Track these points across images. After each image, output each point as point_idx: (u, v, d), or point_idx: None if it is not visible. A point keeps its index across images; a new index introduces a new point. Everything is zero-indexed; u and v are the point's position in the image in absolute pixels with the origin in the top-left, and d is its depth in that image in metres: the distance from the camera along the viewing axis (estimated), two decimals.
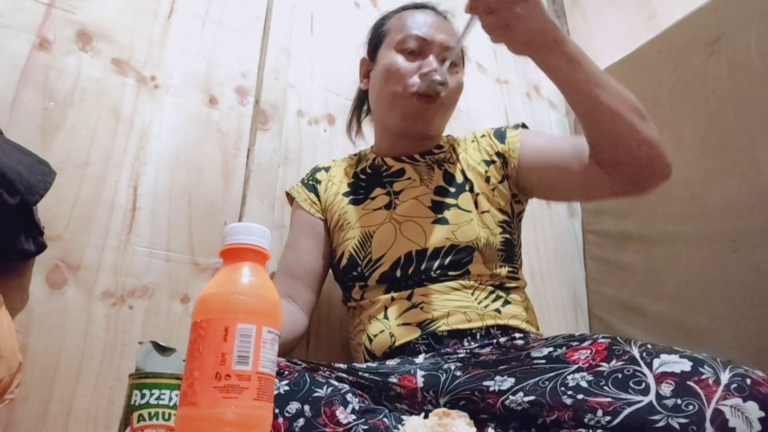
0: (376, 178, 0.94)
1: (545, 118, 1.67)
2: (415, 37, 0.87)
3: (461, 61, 0.93)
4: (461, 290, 0.81)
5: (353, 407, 0.62)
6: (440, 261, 0.82)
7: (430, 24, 0.89)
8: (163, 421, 0.50)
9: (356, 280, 0.87)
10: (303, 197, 0.97)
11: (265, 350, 0.46)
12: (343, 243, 0.89)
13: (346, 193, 0.94)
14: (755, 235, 1.04)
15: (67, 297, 0.82)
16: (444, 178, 0.90)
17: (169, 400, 0.50)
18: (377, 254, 0.85)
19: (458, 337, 0.77)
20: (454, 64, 0.89)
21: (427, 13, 0.92)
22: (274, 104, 1.13)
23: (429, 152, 0.94)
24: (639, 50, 1.40)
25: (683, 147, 1.22)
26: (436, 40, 0.87)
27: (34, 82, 0.88)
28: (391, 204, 0.89)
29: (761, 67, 1.08)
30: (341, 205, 0.93)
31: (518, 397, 0.60)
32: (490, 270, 0.83)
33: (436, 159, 0.93)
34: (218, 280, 0.49)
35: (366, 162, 0.97)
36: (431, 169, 0.91)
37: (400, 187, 0.91)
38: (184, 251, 0.94)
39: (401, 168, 0.93)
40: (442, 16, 0.94)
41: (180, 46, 1.06)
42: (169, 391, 0.50)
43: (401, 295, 0.82)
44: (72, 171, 0.87)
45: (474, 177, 0.90)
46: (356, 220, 0.89)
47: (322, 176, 0.99)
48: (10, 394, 0.66)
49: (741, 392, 0.48)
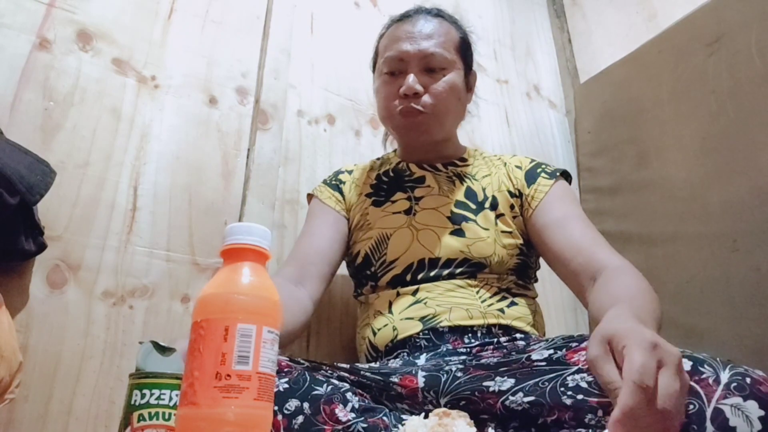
0: (399, 182, 0.95)
1: (545, 118, 1.67)
2: (391, 59, 0.90)
3: (452, 63, 0.91)
4: (466, 288, 0.82)
5: (353, 406, 0.62)
6: (451, 270, 0.83)
7: (409, 36, 0.90)
8: (163, 421, 0.49)
9: (368, 279, 0.88)
10: (327, 195, 0.97)
11: (265, 350, 0.46)
12: (360, 242, 0.91)
13: (369, 194, 0.96)
14: (755, 235, 1.04)
15: (67, 297, 0.82)
16: (465, 192, 0.91)
17: (170, 399, 0.50)
18: (392, 257, 0.86)
19: (459, 334, 0.78)
20: (436, 70, 0.89)
21: (410, 22, 0.92)
22: (274, 104, 1.13)
23: (452, 163, 0.96)
24: (639, 50, 1.40)
25: (683, 147, 1.22)
26: (412, 53, 0.88)
27: (34, 82, 0.88)
28: (411, 210, 0.90)
29: (761, 67, 1.08)
30: (364, 206, 0.94)
31: (518, 397, 0.60)
32: (498, 279, 0.84)
33: (458, 172, 0.95)
34: (218, 280, 0.49)
35: (389, 165, 0.99)
36: (452, 181, 0.93)
37: (421, 194, 0.92)
38: (185, 251, 0.95)
39: (423, 175, 0.95)
40: (430, 15, 0.94)
41: (180, 46, 1.06)
42: (170, 391, 0.50)
43: (406, 290, 0.84)
44: (72, 171, 0.87)
45: (500, 198, 0.90)
46: (375, 221, 0.91)
47: (345, 178, 1.00)
48: (11, 394, 0.66)
49: (741, 391, 0.48)
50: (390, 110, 0.90)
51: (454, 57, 0.92)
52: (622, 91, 1.44)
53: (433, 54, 0.88)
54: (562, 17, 1.84)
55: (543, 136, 1.62)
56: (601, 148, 1.49)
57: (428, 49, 0.88)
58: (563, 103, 1.73)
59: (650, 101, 1.33)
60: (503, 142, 1.50)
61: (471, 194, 0.91)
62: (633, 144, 1.37)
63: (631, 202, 1.34)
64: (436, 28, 0.91)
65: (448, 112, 0.91)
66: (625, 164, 1.38)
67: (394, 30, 0.94)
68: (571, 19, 1.81)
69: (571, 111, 1.68)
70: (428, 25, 0.91)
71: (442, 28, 0.92)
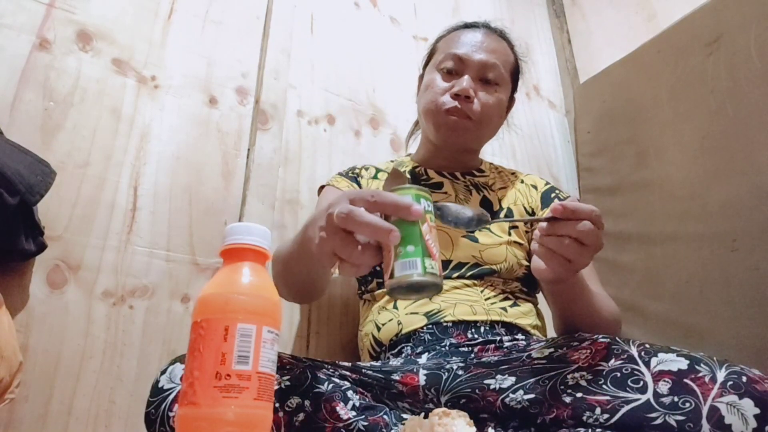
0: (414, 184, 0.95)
1: (545, 118, 1.67)
2: (452, 56, 0.91)
3: (505, 81, 0.94)
4: (472, 287, 0.83)
5: (354, 404, 0.62)
6: (461, 273, 0.84)
7: (474, 43, 0.92)
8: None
9: (375, 276, 0.89)
10: (345, 185, 0.97)
11: (265, 350, 0.46)
12: None
13: None
14: (754, 235, 1.04)
15: (67, 297, 0.82)
16: (482, 201, 0.93)
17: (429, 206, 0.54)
18: None
19: (462, 328, 0.78)
20: (491, 83, 0.91)
21: (477, 32, 0.95)
22: (274, 104, 1.13)
23: (470, 173, 0.98)
24: (638, 50, 1.40)
25: (683, 147, 1.22)
26: (474, 59, 0.90)
27: (34, 82, 0.88)
28: None
29: (760, 67, 1.08)
30: None
31: (518, 395, 0.60)
32: (504, 283, 0.85)
33: (475, 182, 0.97)
34: (218, 280, 0.49)
35: (405, 167, 1.00)
36: (469, 191, 0.95)
37: (436, 199, 0.92)
38: (185, 251, 0.95)
39: (441, 181, 0.96)
40: (495, 33, 0.96)
41: (180, 46, 1.06)
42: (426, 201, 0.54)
43: None
44: (72, 171, 0.88)
45: (515, 211, 0.93)
46: (387, 219, 0.91)
47: (362, 172, 1.01)
48: (11, 394, 0.66)
49: (737, 389, 0.48)
50: (438, 105, 0.90)
51: (507, 77, 0.95)
52: (621, 91, 1.44)
53: (493, 67, 0.90)
54: (562, 17, 1.84)
55: (542, 136, 1.63)
56: (600, 148, 1.49)
57: (489, 60, 0.90)
58: (563, 103, 1.73)
59: (650, 101, 1.34)
60: (503, 142, 1.50)
61: (487, 204, 0.93)
62: (632, 144, 1.37)
63: (631, 202, 1.34)
64: (499, 45, 0.94)
65: (489, 124, 0.93)
66: (624, 164, 1.38)
67: (459, 33, 0.96)
68: (571, 19, 1.81)
69: (570, 111, 1.68)
70: (493, 41, 0.94)
71: (503, 47, 0.95)
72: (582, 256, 0.57)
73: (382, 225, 0.49)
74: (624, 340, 0.60)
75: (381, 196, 0.51)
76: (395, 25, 1.45)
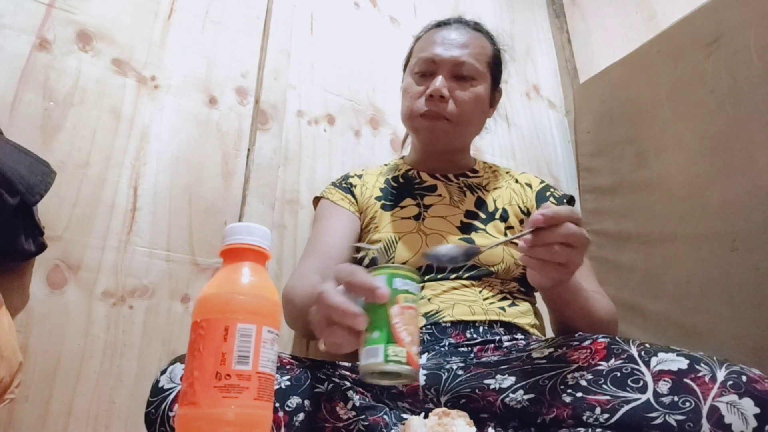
0: (408, 188, 0.96)
1: (545, 118, 1.67)
2: (424, 60, 0.91)
3: (482, 75, 0.92)
4: (470, 287, 0.83)
5: (354, 404, 0.62)
6: (458, 274, 0.84)
7: (445, 41, 0.91)
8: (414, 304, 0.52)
9: None
10: (339, 197, 0.97)
11: (265, 350, 0.46)
12: (368, 243, 0.91)
13: (378, 198, 0.96)
14: (754, 235, 1.04)
15: (67, 297, 0.82)
16: (476, 203, 0.93)
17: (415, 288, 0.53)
18: (399, 260, 0.87)
19: (461, 328, 0.78)
20: (466, 79, 0.90)
21: (449, 29, 0.94)
22: (274, 104, 1.13)
23: (463, 174, 0.98)
24: (638, 50, 1.40)
25: (682, 147, 1.22)
26: (445, 58, 0.89)
27: (34, 82, 0.88)
28: (420, 216, 0.91)
29: (760, 67, 1.08)
30: (374, 208, 0.94)
31: (518, 395, 0.60)
32: (501, 283, 0.85)
33: (469, 183, 0.96)
34: (218, 280, 0.49)
35: (399, 171, 1.00)
36: (463, 192, 0.94)
37: (430, 202, 0.93)
38: (185, 251, 0.95)
39: (434, 184, 0.96)
40: (468, 27, 0.95)
41: (180, 46, 1.06)
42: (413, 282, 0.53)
43: None
44: (72, 171, 0.88)
45: (510, 211, 0.92)
46: (384, 224, 0.91)
47: (355, 181, 1.00)
48: (11, 394, 0.66)
49: (737, 389, 0.48)
50: (413, 110, 0.90)
51: (485, 70, 0.93)
52: (621, 91, 1.45)
53: (465, 63, 0.89)
54: (562, 17, 1.84)
55: (542, 136, 1.63)
56: (600, 148, 1.49)
57: (461, 57, 0.90)
58: (563, 103, 1.73)
59: (649, 101, 1.34)
60: (503, 143, 1.50)
61: (482, 204, 0.93)
62: (632, 144, 1.37)
63: (631, 202, 1.34)
64: (471, 38, 0.93)
65: (469, 122, 0.92)
66: (624, 164, 1.38)
67: (431, 34, 0.95)
68: (571, 20, 1.81)
69: (570, 111, 1.68)
70: (465, 35, 0.93)
71: (477, 40, 0.94)
72: (574, 257, 0.58)
73: (346, 309, 0.48)
74: (624, 340, 0.60)
75: (354, 277, 0.50)
76: (395, 25, 1.45)
